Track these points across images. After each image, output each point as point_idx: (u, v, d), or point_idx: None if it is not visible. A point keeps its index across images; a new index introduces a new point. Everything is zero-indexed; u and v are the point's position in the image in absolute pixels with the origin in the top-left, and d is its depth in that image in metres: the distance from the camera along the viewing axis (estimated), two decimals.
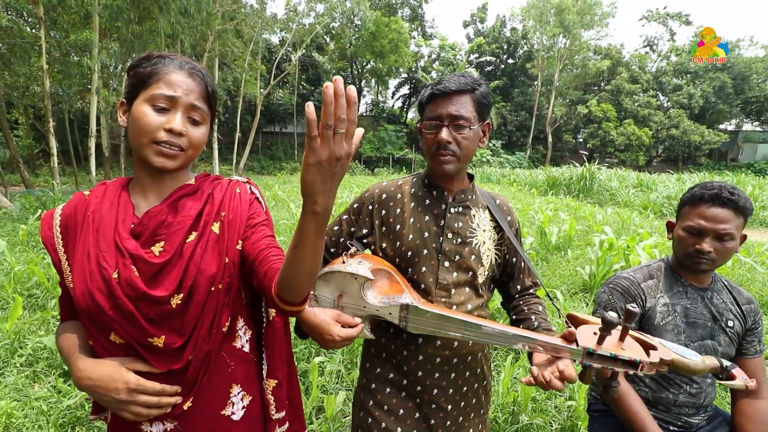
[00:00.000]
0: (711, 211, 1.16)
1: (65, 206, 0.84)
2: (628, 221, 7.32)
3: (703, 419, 1.30)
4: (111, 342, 0.77)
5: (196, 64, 0.83)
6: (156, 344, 0.77)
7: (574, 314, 0.95)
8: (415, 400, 1.07)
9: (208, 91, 0.82)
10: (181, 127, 0.77)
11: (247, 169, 23.30)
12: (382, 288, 0.96)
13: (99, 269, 0.75)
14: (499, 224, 1.12)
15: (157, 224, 0.79)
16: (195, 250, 0.80)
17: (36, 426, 1.97)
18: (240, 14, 18.92)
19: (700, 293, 1.26)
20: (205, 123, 0.83)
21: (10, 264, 3.81)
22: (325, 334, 0.86)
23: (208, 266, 0.80)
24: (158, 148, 0.77)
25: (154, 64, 0.79)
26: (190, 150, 0.81)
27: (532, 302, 1.14)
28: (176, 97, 0.77)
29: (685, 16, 32.49)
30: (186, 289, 0.78)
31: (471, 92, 1.00)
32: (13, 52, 11.75)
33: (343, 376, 2.45)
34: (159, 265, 0.77)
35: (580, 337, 0.83)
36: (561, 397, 2.32)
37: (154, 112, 0.76)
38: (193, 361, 0.80)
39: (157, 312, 0.76)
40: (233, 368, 0.88)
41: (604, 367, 0.81)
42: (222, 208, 0.86)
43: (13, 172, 16.22)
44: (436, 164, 1.03)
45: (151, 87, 0.77)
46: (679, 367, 0.89)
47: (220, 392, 0.86)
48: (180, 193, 0.84)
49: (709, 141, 26.37)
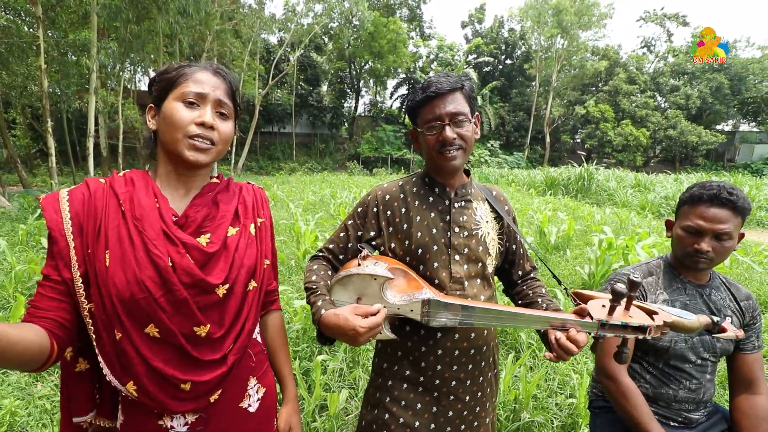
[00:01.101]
0: (710, 211, 1.18)
1: (74, 191, 0.80)
2: (627, 221, 7.36)
3: (702, 415, 1.31)
4: (144, 335, 0.75)
5: (219, 65, 0.88)
6: (199, 333, 0.78)
7: (580, 291, 1.00)
8: (432, 394, 1.09)
9: (232, 89, 0.87)
10: (212, 120, 0.81)
11: (246, 169, 23.27)
12: (401, 286, 0.98)
13: (149, 256, 0.75)
14: (499, 214, 1.16)
15: (203, 217, 0.83)
16: (238, 244, 0.84)
17: (40, 424, 1.97)
18: (238, 14, 18.92)
19: (698, 290, 1.28)
20: (231, 118, 0.87)
21: (10, 264, 3.80)
22: (349, 330, 0.87)
23: (249, 261, 0.85)
24: (191, 143, 0.79)
25: (179, 68, 0.83)
26: (220, 144, 0.84)
27: (536, 286, 1.17)
28: (205, 93, 0.81)
29: (683, 17, 32.58)
30: (231, 279, 0.81)
31: (461, 89, 1.04)
32: (11, 51, 11.71)
33: (345, 374, 2.47)
34: (210, 254, 0.80)
35: (591, 311, 0.88)
36: (562, 394, 2.34)
37: (185, 108, 0.80)
38: (231, 353, 0.82)
39: (205, 301, 0.79)
40: (255, 361, 0.91)
41: (616, 335, 0.86)
42: (258, 213, 0.93)
43: (11, 171, 16.17)
44: (443, 161, 1.04)
45: (180, 86, 0.81)
46: (678, 327, 0.94)
47: (241, 385, 0.88)
48: (216, 189, 0.88)
49: (706, 141, 26.48)
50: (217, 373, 0.80)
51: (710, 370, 1.29)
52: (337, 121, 29.10)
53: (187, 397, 0.78)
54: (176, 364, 0.77)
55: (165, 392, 0.76)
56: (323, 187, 13.20)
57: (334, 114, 28.65)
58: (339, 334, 0.90)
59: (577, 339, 0.87)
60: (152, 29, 13.27)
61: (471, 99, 1.06)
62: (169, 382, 0.76)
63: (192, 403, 0.79)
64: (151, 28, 13.26)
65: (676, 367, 1.27)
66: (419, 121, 1.07)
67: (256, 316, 0.89)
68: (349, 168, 25.03)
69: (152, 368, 0.75)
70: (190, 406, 0.79)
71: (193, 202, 0.84)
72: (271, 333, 1.02)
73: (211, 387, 0.80)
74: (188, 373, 0.77)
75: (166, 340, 0.76)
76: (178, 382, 0.76)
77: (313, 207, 8.82)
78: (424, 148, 1.09)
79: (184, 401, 0.78)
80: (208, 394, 0.81)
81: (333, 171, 24.73)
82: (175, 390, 0.77)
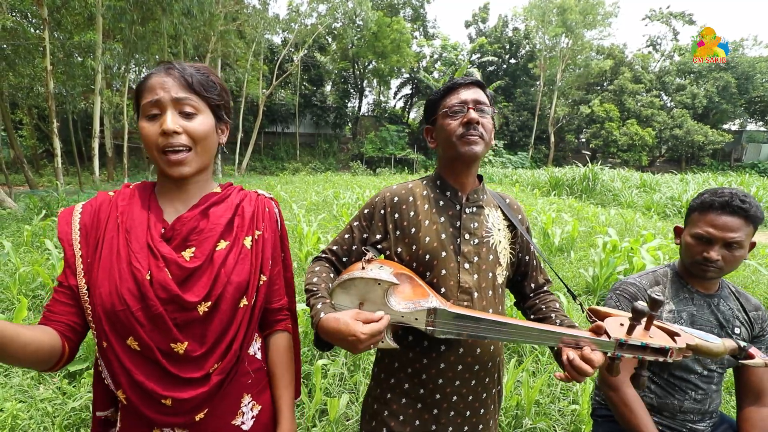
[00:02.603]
0: (721, 219, 1.15)
1: (86, 204, 0.83)
2: (632, 222, 7.30)
3: (708, 426, 1.28)
4: (126, 347, 0.75)
5: (173, 62, 0.82)
6: (177, 350, 0.76)
7: (596, 308, 0.94)
8: (431, 410, 1.04)
9: (190, 81, 0.80)
10: (173, 125, 0.76)
11: (250, 169, 23.35)
12: (406, 293, 0.92)
13: (131, 269, 0.74)
14: (512, 223, 1.12)
15: (189, 230, 0.80)
16: (226, 259, 0.81)
17: (41, 427, 1.98)
18: (242, 15, 18.98)
19: (706, 300, 1.25)
20: (201, 112, 0.81)
21: (14, 265, 3.83)
22: (349, 336, 0.82)
23: (239, 277, 0.81)
24: (166, 158, 0.78)
25: (141, 81, 0.81)
26: (198, 145, 0.80)
27: (549, 300, 1.13)
28: (158, 99, 0.77)
29: (689, 15, 32.31)
30: (214, 297, 0.78)
31: (483, 87, 1.07)
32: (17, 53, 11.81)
33: (346, 378, 2.45)
34: (191, 269, 0.77)
35: (608, 329, 0.83)
36: (565, 401, 2.32)
37: (149, 123, 0.78)
38: (215, 373, 0.79)
39: (183, 318, 0.76)
40: (252, 379, 0.88)
41: (634, 356, 0.81)
42: (256, 224, 0.88)
43: (17, 172, 16.32)
44: (464, 146, 1.01)
45: (141, 101, 0.79)
46: (702, 350, 0.89)
47: (233, 402, 0.85)
48: (209, 201, 0.85)
49: (712, 141, 26.25)
50: (198, 392, 0.77)
51: (717, 380, 1.26)
52: (341, 121, 29.13)
53: (170, 413, 0.77)
54: (156, 379, 0.75)
55: (147, 406, 0.76)
56: (326, 187, 13.20)
57: (338, 114, 28.68)
58: (338, 340, 0.86)
59: (591, 359, 0.81)
60: (157, 30, 13.33)
61: (490, 99, 1.07)
62: (150, 396, 0.75)
63: (178, 418, 0.78)
64: (156, 29, 13.32)
65: (681, 378, 1.24)
66: (440, 108, 1.06)
67: (248, 335, 0.85)
68: (352, 168, 25.05)
69: (134, 380, 0.75)
70: (176, 420, 0.78)
71: (183, 214, 0.82)
72: (273, 356, 0.95)
73: (195, 405, 0.78)
74: (168, 390, 0.75)
75: (144, 354, 0.75)
76: (159, 397, 0.75)
77: (316, 208, 8.80)
78: (443, 136, 1.05)
79: (168, 415, 0.77)
80: (192, 412, 0.78)
81: (336, 171, 24.74)
82: (157, 404, 0.76)
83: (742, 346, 0.95)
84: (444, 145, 1.06)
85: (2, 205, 8.30)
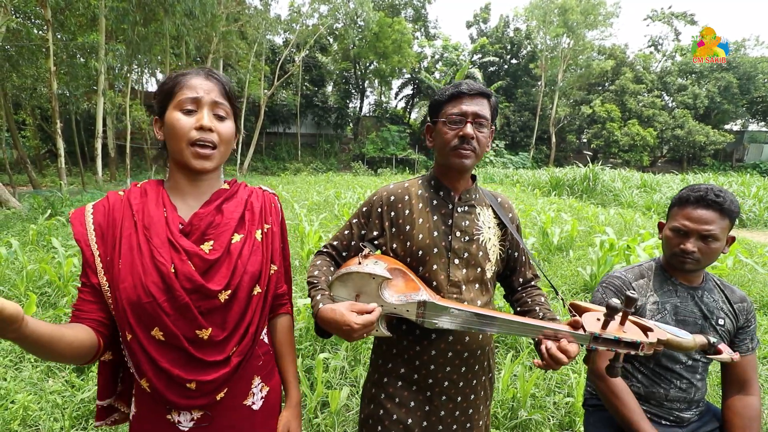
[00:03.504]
0: (696, 213, 1.20)
1: (97, 204, 0.88)
2: (631, 222, 7.33)
3: (694, 414, 1.33)
4: (151, 337, 0.80)
5: (211, 69, 0.91)
6: (202, 336, 0.82)
7: (577, 303, 1.00)
8: (425, 393, 1.11)
9: (226, 89, 0.90)
10: (209, 122, 0.84)
11: (251, 170, 23.41)
12: (399, 287, 1.00)
13: (154, 263, 0.80)
14: (502, 221, 1.18)
15: (206, 225, 0.86)
16: (242, 251, 0.88)
17: (51, 418, 2.04)
18: (244, 16, 19.04)
19: (690, 292, 1.30)
20: (230, 118, 0.90)
21: (22, 263, 3.90)
22: (344, 325, 0.90)
23: (253, 267, 0.88)
24: (195, 150, 0.84)
25: (175, 78, 0.87)
26: (222, 146, 0.88)
27: (535, 294, 1.19)
28: (199, 98, 0.84)
29: (690, 15, 32.25)
30: (233, 286, 0.85)
31: (489, 98, 1.08)
32: (21, 54, 11.90)
33: (347, 372, 2.51)
34: (211, 261, 0.83)
35: (585, 323, 0.90)
36: (560, 393, 2.37)
37: (184, 116, 0.84)
38: (235, 355, 0.86)
39: (207, 306, 0.82)
40: (262, 361, 0.95)
41: (608, 349, 0.87)
42: (265, 219, 0.96)
43: (21, 172, 16.41)
44: (456, 158, 1.06)
45: (176, 95, 0.85)
46: (673, 345, 0.95)
47: (245, 384, 0.92)
48: (221, 197, 0.91)
49: (714, 141, 26.21)
50: (221, 373, 0.84)
51: (701, 370, 1.31)
52: (342, 121, 29.19)
53: (194, 395, 0.83)
54: (181, 364, 0.81)
55: (172, 390, 0.82)
56: (328, 187, 13.27)
57: (339, 114, 28.73)
58: (334, 329, 0.94)
59: (567, 349, 0.88)
60: (159, 31, 13.41)
61: (494, 111, 1.10)
62: (175, 381, 0.81)
63: (200, 400, 0.84)
64: (158, 30, 13.39)
65: (666, 368, 1.29)
66: (441, 114, 1.09)
67: (261, 320, 0.92)
68: (353, 168, 25.10)
69: (159, 368, 0.80)
70: (198, 402, 0.84)
71: (199, 210, 0.88)
72: (279, 336, 1.04)
73: (217, 386, 0.84)
74: (192, 374, 0.82)
75: (170, 342, 0.81)
76: (184, 382, 0.81)
77: (318, 207, 8.87)
78: (439, 143, 1.10)
79: (191, 398, 0.83)
80: (214, 392, 0.85)
81: (338, 171, 24.80)
82: (181, 389, 0.82)
83: (712, 342, 1.00)
84: (438, 151, 1.13)
85: (7, 205, 8.39)
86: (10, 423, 1.98)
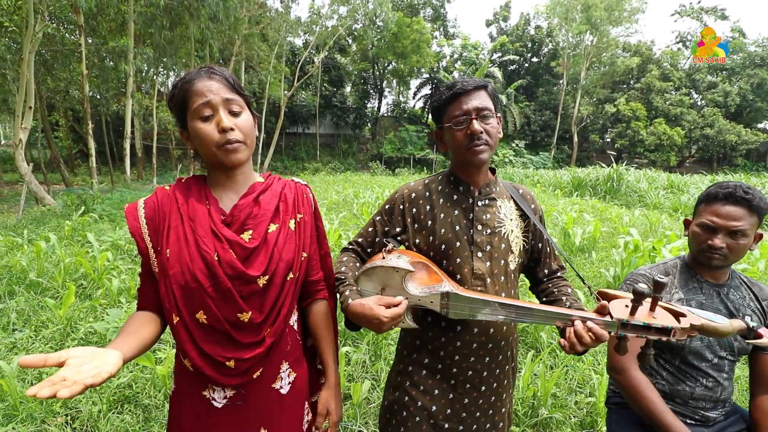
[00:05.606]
0: (724, 209, 1.19)
1: (147, 200, 0.95)
2: (657, 224, 7.14)
3: (720, 414, 1.31)
4: (195, 321, 0.88)
5: (211, 66, 0.93)
6: (242, 319, 0.89)
7: (605, 291, 0.99)
8: (449, 381, 1.14)
9: (231, 82, 0.92)
10: (228, 122, 0.88)
11: (271, 169, 23.82)
12: (422, 279, 1.03)
13: (199, 252, 0.87)
14: (524, 212, 1.19)
15: (246, 216, 0.93)
16: (277, 239, 0.94)
17: (90, 402, 2.16)
18: (265, 18, 19.41)
19: (716, 289, 1.29)
20: (244, 109, 0.93)
21: (59, 256, 4.11)
22: (373, 319, 0.94)
23: (287, 254, 0.94)
24: (224, 149, 0.89)
25: (181, 87, 0.91)
26: (247, 138, 0.93)
27: (561, 284, 1.20)
28: (210, 100, 0.88)
29: (721, 10, 31.02)
30: (270, 272, 0.91)
31: (485, 88, 1.10)
32: (55, 58, 12.49)
33: (368, 366, 2.56)
34: (251, 249, 0.90)
35: (613, 310, 0.88)
36: (582, 393, 2.35)
37: (203, 124, 0.89)
38: (268, 336, 0.92)
39: (247, 290, 0.89)
40: (290, 346, 1.01)
41: (638, 335, 0.86)
42: (297, 209, 1.02)
43: (54, 171, 17.20)
44: (472, 155, 1.08)
45: (190, 105, 0.89)
46: (708, 331, 0.91)
47: (274, 368, 0.98)
48: (257, 190, 0.97)
49: (746, 141, 25.16)
50: (256, 352, 0.90)
51: (728, 368, 1.29)
52: (360, 121, 29.37)
53: (232, 373, 0.90)
54: (221, 345, 0.89)
55: (213, 369, 0.89)
56: (346, 186, 13.38)
57: (357, 114, 28.93)
58: (364, 322, 0.98)
59: (593, 329, 0.87)
60: (184, 35, 13.83)
61: (495, 98, 1.11)
62: (216, 360, 0.88)
63: (237, 378, 0.91)
64: (184, 34, 13.83)
65: (692, 365, 1.28)
66: (445, 119, 1.11)
67: (291, 303, 0.98)
68: (371, 168, 25.22)
69: (201, 349, 0.88)
70: (235, 380, 0.91)
71: (239, 202, 0.94)
72: (317, 321, 1.08)
73: (253, 364, 0.91)
74: (231, 352, 0.89)
75: (212, 325, 0.88)
76: (224, 360, 0.88)
77: (337, 206, 8.97)
78: (452, 145, 1.12)
79: (229, 376, 0.90)
80: (250, 371, 0.91)
81: (356, 171, 24.96)
82: (221, 367, 0.89)
83: (751, 326, 0.97)
84: (454, 153, 1.15)
85: (43, 203, 8.82)
86: (53, 405, 2.11)
